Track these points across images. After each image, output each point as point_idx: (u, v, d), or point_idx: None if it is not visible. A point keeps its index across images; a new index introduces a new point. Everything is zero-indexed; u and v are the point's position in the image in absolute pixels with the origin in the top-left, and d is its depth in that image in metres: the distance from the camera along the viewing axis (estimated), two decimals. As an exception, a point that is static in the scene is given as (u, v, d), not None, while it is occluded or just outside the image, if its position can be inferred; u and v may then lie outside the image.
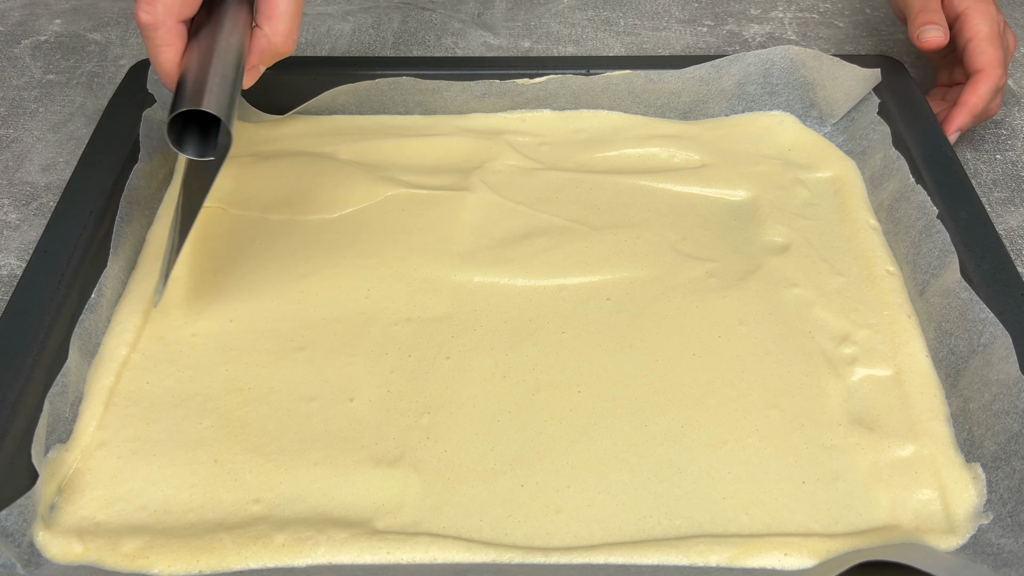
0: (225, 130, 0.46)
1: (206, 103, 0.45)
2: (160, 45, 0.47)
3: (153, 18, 0.46)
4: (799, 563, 0.41)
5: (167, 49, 0.47)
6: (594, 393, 0.48)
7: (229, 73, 0.46)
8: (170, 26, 0.46)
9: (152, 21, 0.46)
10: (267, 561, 0.41)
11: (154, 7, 0.46)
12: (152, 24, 0.46)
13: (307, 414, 0.48)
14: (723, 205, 0.60)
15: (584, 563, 0.41)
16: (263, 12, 0.48)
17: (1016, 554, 0.40)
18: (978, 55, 0.61)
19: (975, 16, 0.62)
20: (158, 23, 0.46)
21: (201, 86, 0.45)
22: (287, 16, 0.48)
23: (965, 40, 0.62)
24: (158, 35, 0.46)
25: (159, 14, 0.46)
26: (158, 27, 0.46)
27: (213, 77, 0.46)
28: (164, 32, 0.46)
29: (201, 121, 0.48)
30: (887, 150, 0.59)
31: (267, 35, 0.48)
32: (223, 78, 0.46)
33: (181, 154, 0.48)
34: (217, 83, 0.46)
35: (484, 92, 0.64)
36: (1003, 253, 0.51)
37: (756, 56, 0.64)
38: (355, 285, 0.54)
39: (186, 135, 0.48)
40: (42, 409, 0.44)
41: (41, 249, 0.52)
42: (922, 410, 0.47)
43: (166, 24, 0.46)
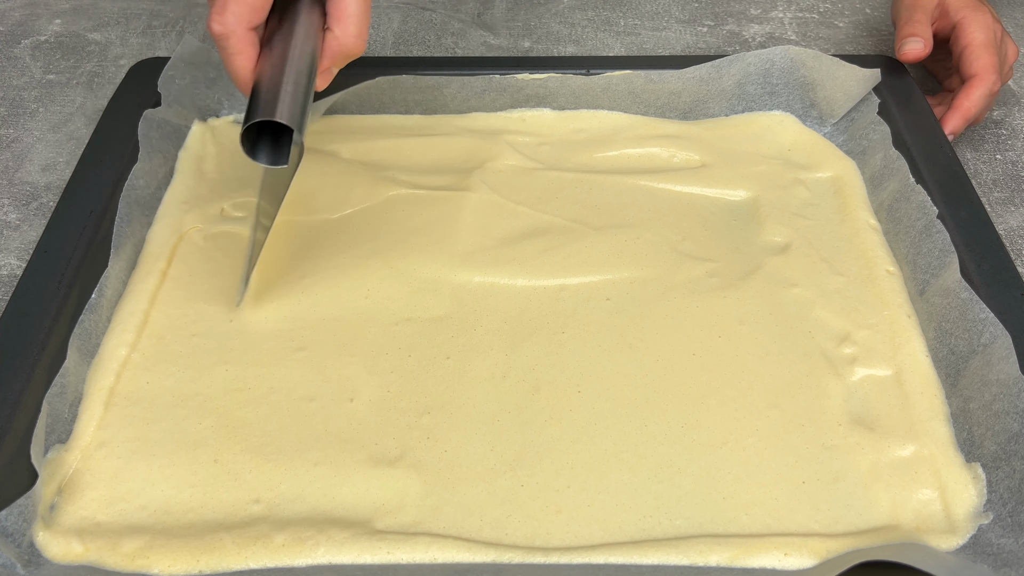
0: (297, 140, 0.46)
1: (279, 113, 0.45)
2: (233, 54, 0.47)
3: (224, 28, 0.46)
4: (799, 563, 0.41)
5: (240, 57, 0.47)
6: (594, 393, 0.48)
7: (302, 81, 0.46)
8: (241, 34, 0.46)
9: (223, 31, 0.46)
10: (267, 561, 0.41)
11: (224, 17, 0.46)
12: (224, 34, 0.46)
13: (307, 414, 0.47)
14: (723, 205, 0.60)
15: (584, 563, 0.41)
16: (333, 15, 0.48)
17: (1016, 554, 0.40)
18: (972, 61, 0.63)
19: (971, 25, 0.63)
20: (229, 32, 0.46)
21: (274, 96, 0.45)
22: (357, 18, 0.48)
23: (961, 47, 0.63)
24: (230, 44, 0.46)
25: (229, 24, 0.46)
26: (229, 36, 0.46)
27: (286, 86, 0.46)
28: (235, 41, 0.46)
29: (273, 129, 0.48)
30: (887, 150, 0.59)
31: (338, 37, 0.48)
32: (296, 86, 0.46)
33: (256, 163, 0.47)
34: (290, 92, 0.46)
35: (484, 88, 0.64)
36: (1003, 253, 0.51)
37: (756, 56, 0.64)
38: (355, 285, 0.54)
39: (260, 143, 0.48)
40: (41, 409, 0.44)
41: (41, 249, 0.52)
42: (922, 410, 0.47)
43: (236, 33, 0.46)
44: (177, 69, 0.63)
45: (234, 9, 0.46)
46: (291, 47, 0.47)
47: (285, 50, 0.47)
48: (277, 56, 0.47)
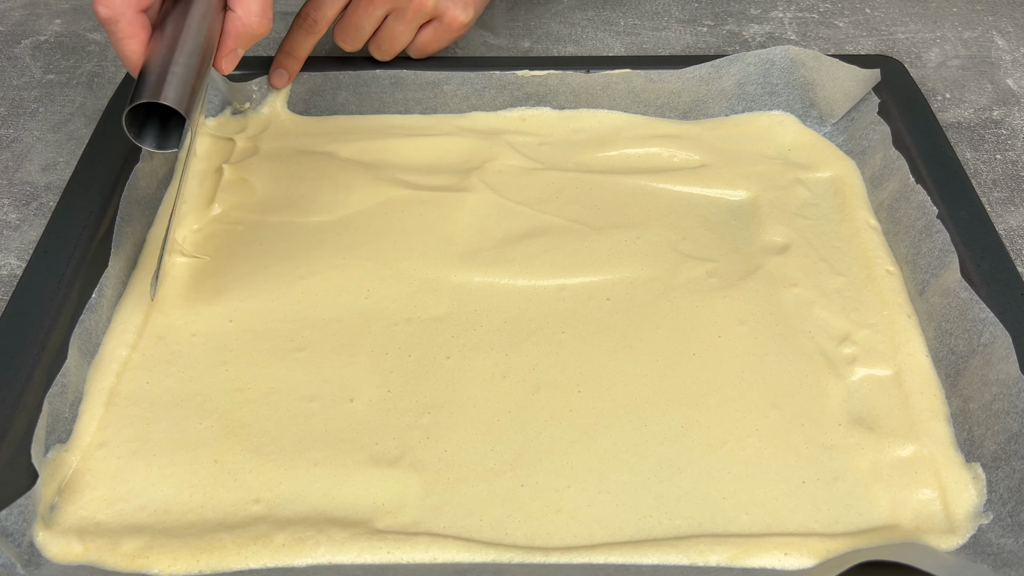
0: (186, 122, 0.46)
1: (164, 96, 0.44)
2: (122, 38, 0.46)
3: (111, 11, 0.45)
4: (799, 563, 0.41)
5: (130, 41, 0.46)
6: (594, 393, 0.48)
7: (192, 62, 0.46)
8: (130, 17, 0.46)
9: (111, 14, 0.45)
10: (267, 561, 0.41)
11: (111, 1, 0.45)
12: (111, 17, 0.45)
13: (307, 414, 0.48)
14: (723, 205, 0.60)
15: (584, 563, 0.41)
16: None
17: (1016, 554, 0.40)
18: None
19: None
20: (117, 16, 0.45)
21: (161, 78, 0.45)
22: None
23: None
24: (119, 28, 0.46)
25: (117, 7, 0.45)
26: (118, 20, 0.45)
27: (174, 68, 0.45)
28: (124, 24, 0.46)
29: (163, 113, 0.47)
30: (887, 150, 0.59)
31: (240, 18, 0.47)
32: (186, 68, 0.45)
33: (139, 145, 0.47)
34: (178, 74, 0.45)
35: (484, 85, 0.64)
36: (1003, 253, 0.51)
37: (756, 56, 0.64)
38: (355, 285, 0.54)
39: (148, 126, 0.47)
40: (41, 409, 0.44)
41: (41, 249, 0.52)
42: (922, 410, 0.47)
43: (126, 16, 0.45)
44: None
45: None
46: (184, 28, 0.46)
47: (177, 32, 0.46)
48: (168, 38, 0.46)
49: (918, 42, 0.77)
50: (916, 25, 0.79)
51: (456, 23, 0.65)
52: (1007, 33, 0.78)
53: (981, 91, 0.72)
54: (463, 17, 0.65)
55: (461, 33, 0.66)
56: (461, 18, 0.64)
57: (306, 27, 0.62)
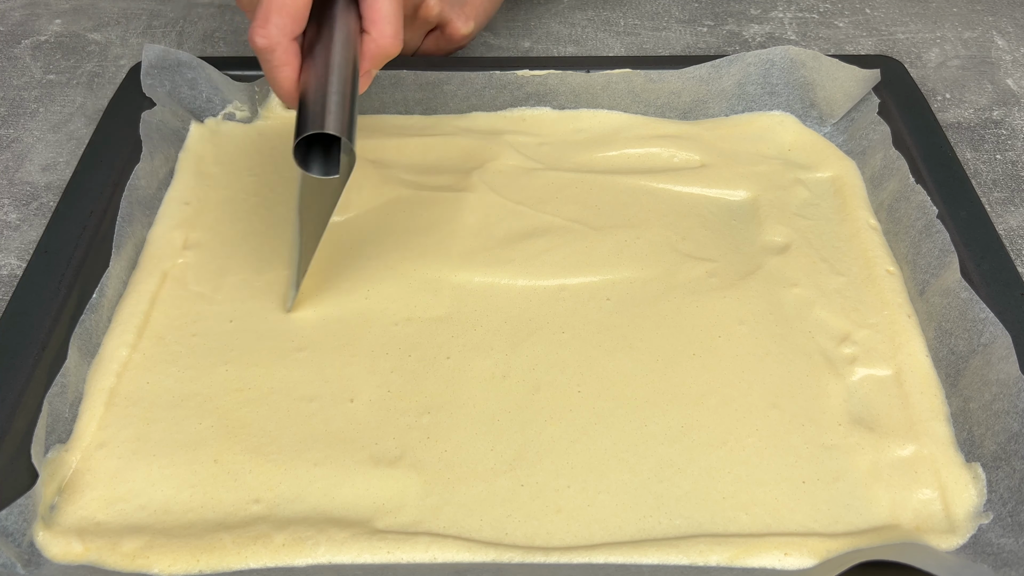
0: (348, 148, 0.46)
1: (328, 125, 0.44)
2: (278, 66, 0.46)
3: (268, 41, 0.45)
4: (799, 563, 0.41)
5: (285, 69, 0.47)
6: (594, 393, 0.48)
7: (347, 89, 0.46)
8: (285, 46, 0.46)
9: (268, 44, 0.45)
10: (267, 561, 0.41)
11: (268, 29, 0.45)
12: (268, 47, 0.46)
13: (307, 414, 0.48)
14: (723, 205, 0.60)
15: (584, 563, 0.41)
16: (369, 18, 0.48)
17: (1016, 554, 0.40)
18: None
19: None
20: (273, 45, 0.46)
21: (322, 107, 0.45)
22: (392, 18, 0.48)
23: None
24: (275, 56, 0.46)
25: (273, 36, 0.45)
26: (274, 49, 0.46)
27: (332, 96, 0.45)
28: (280, 52, 0.46)
29: (323, 139, 0.47)
30: (887, 150, 0.59)
31: (375, 39, 0.48)
32: (341, 95, 0.45)
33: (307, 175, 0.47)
34: (336, 102, 0.45)
35: (484, 85, 0.65)
36: (1003, 253, 0.51)
37: (756, 56, 0.64)
38: (355, 285, 0.54)
39: (311, 154, 0.47)
40: (41, 409, 0.44)
41: (41, 249, 0.52)
42: (922, 410, 0.47)
43: (281, 44, 0.46)
44: (154, 77, 0.62)
45: (277, 21, 0.45)
46: (332, 55, 0.46)
47: (327, 58, 0.46)
48: (320, 65, 0.46)
49: (918, 42, 0.77)
50: (916, 25, 0.79)
51: (457, 34, 0.67)
52: (1007, 33, 0.78)
53: (981, 91, 0.72)
54: (464, 29, 0.66)
55: (462, 44, 0.68)
56: (462, 30, 0.66)
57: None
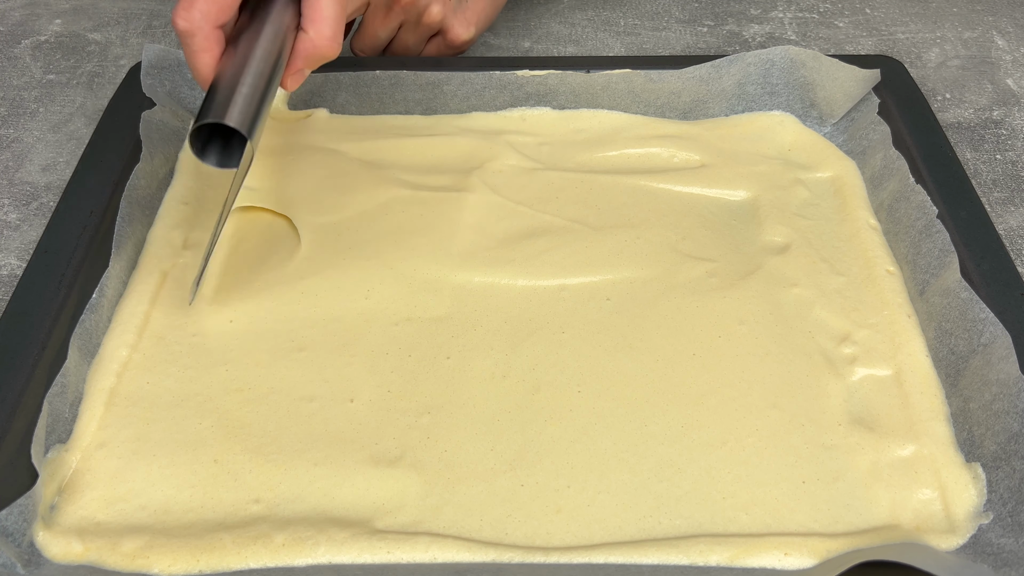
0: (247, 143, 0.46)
1: (229, 117, 0.44)
2: (196, 51, 0.47)
3: (189, 24, 0.46)
4: (799, 563, 0.41)
5: (203, 55, 0.47)
6: (594, 393, 0.48)
7: (260, 83, 0.46)
8: (207, 32, 0.46)
9: (188, 27, 0.46)
10: (267, 561, 0.41)
11: (191, 13, 0.45)
12: (188, 30, 0.46)
13: (307, 414, 0.48)
14: (723, 205, 0.60)
15: (584, 563, 0.41)
16: (308, 16, 0.48)
17: (1016, 554, 0.40)
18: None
19: None
20: (194, 29, 0.46)
21: (228, 98, 0.45)
22: (332, 20, 0.48)
23: None
24: (195, 41, 0.46)
25: (195, 20, 0.46)
26: (195, 33, 0.46)
27: (242, 88, 0.45)
28: (201, 38, 0.46)
29: (226, 130, 0.47)
30: (887, 150, 0.59)
31: (312, 39, 0.48)
32: (253, 88, 0.46)
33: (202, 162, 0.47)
34: (244, 95, 0.45)
35: (484, 85, 0.65)
36: (1003, 253, 0.51)
37: (756, 56, 0.64)
38: (355, 285, 0.54)
39: (211, 143, 0.47)
40: (41, 409, 0.44)
41: (41, 249, 0.52)
42: (922, 410, 0.47)
43: (203, 30, 0.46)
44: (154, 77, 0.62)
45: (201, 6, 0.46)
46: (255, 47, 0.47)
47: (249, 50, 0.46)
48: (240, 56, 0.46)
49: (918, 42, 0.77)
50: (916, 25, 0.79)
51: (458, 40, 0.68)
52: (1007, 33, 0.78)
53: (981, 91, 0.72)
54: (464, 35, 0.68)
55: (463, 49, 0.70)
56: (463, 36, 0.68)
57: None
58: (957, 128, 0.68)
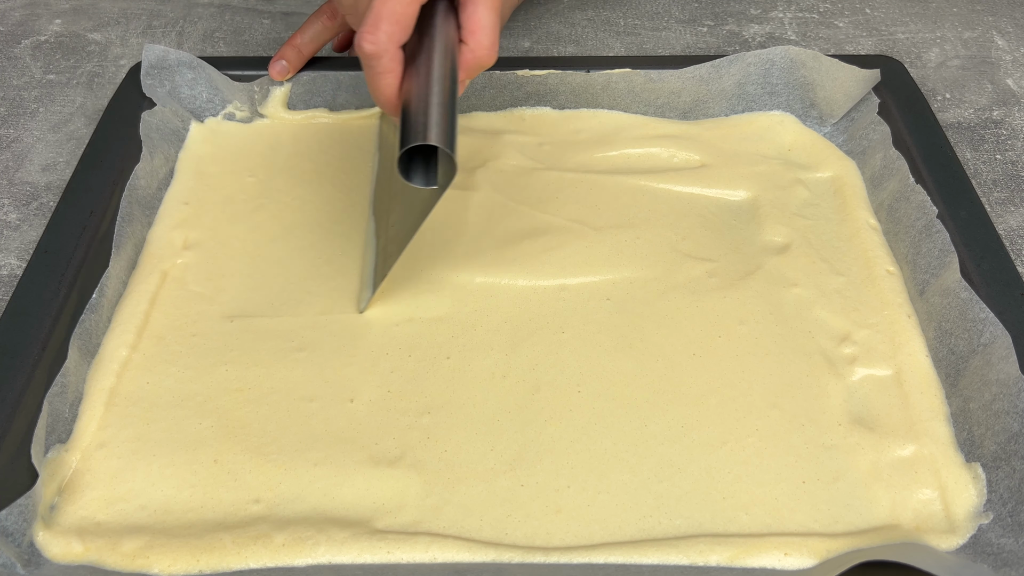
0: (449, 159, 0.46)
1: (431, 136, 0.44)
2: (382, 73, 0.46)
3: (376, 47, 0.45)
4: (799, 563, 0.41)
5: (388, 76, 0.46)
6: (594, 393, 0.48)
7: (448, 100, 0.46)
8: (392, 53, 0.46)
9: (375, 50, 0.45)
10: (267, 561, 0.41)
11: (376, 35, 0.45)
12: (376, 53, 0.45)
13: (307, 414, 0.48)
14: (723, 205, 0.60)
15: (584, 563, 0.41)
16: (467, 28, 0.48)
17: (1016, 554, 0.40)
18: None
19: None
20: (381, 51, 0.45)
21: (425, 118, 0.45)
22: (489, 29, 0.47)
23: None
24: (380, 63, 0.46)
25: (382, 42, 0.45)
26: (381, 55, 0.45)
27: (434, 107, 0.45)
28: (387, 60, 0.46)
29: (423, 150, 0.47)
30: (887, 150, 0.59)
31: (473, 50, 0.48)
32: (443, 107, 0.45)
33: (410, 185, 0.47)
34: (440, 112, 0.45)
35: (484, 85, 0.65)
36: (1003, 253, 0.51)
37: (756, 56, 0.64)
38: (355, 285, 0.54)
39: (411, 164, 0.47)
40: (41, 409, 0.44)
41: (41, 249, 0.52)
42: (922, 410, 0.47)
43: (389, 51, 0.45)
44: (154, 77, 0.62)
45: (386, 28, 0.45)
46: (434, 64, 0.46)
47: (429, 68, 0.46)
48: (422, 75, 0.46)
49: (918, 42, 0.77)
50: (916, 25, 0.79)
51: None
52: (1007, 33, 0.78)
53: (981, 91, 0.72)
54: None
55: None
56: None
57: (323, 21, 0.63)
58: (957, 128, 0.68)
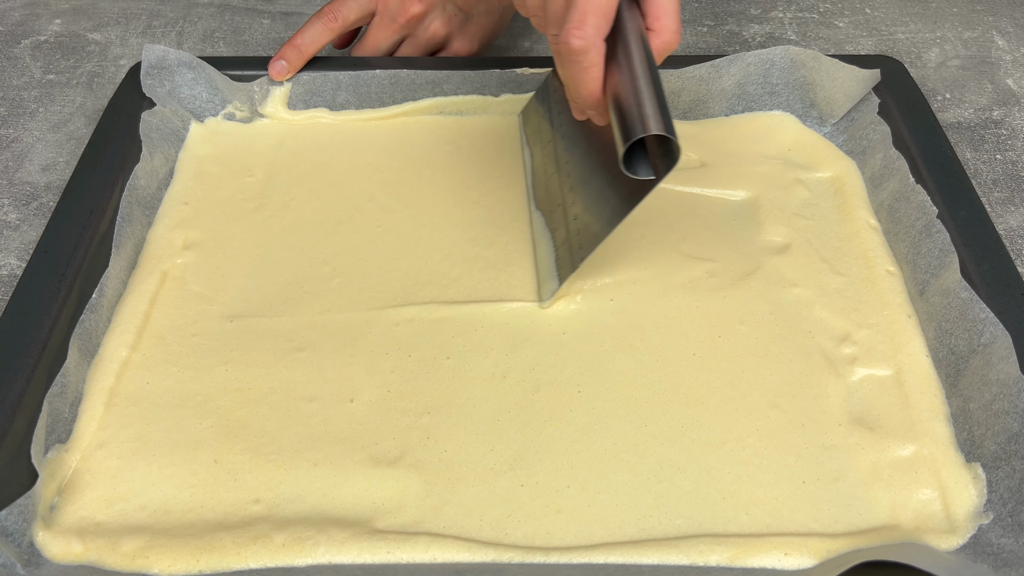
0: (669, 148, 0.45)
1: (655, 126, 0.44)
2: (588, 67, 0.46)
3: (584, 42, 0.45)
4: (799, 563, 0.41)
5: (594, 70, 0.46)
6: (594, 393, 0.48)
7: (658, 89, 0.45)
8: (599, 47, 0.45)
9: (583, 45, 0.45)
10: (267, 561, 0.41)
11: (584, 30, 0.44)
12: (584, 47, 0.45)
13: (307, 414, 0.47)
14: (723, 205, 0.60)
15: (584, 563, 0.41)
16: (652, 14, 0.47)
17: (1016, 554, 0.40)
18: None
19: None
20: (589, 45, 0.45)
21: (642, 109, 0.44)
22: (673, 12, 0.47)
23: None
24: (587, 57, 0.45)
25: (590, 36, 0.45)
26: (589, 49, 0.45)
27: (648, 97, 0.44)
28: (594, 54, 0.45)
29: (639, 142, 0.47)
30: (887, 150, 0.59)
31: (659, 34, 0.47)
32: (656, 96, 0.45)
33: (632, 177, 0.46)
34: (653, 102, 0.44)
35: (484, 84, 0.65)
36: (1003, 253, 0.51)
37: (756, 56, 0.64)
38: (355, 285, 0.54)
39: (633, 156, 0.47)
40: (41, 409, 0.44)
41: (41, 249, 0.52)
42: (922, 410, 0.47)
43: (596, 45, 0.45)
44: (154, 77, 0.62)
45: (593, 21, 0.45)
46: (632, 55, 0.46)
47: (629, 59, 0.46)
48: (624, 66, 0.45)
49: (918, 42, 0.77)
50: (916, 25, 0.79)
51: (462, 55, 0.68)
52: (1007, 33, 0.78)
53: (981, 91, 0.72)
54: (466, 51, 0.68)
55: None
56: (464, 52, 0.68)
57: (325, 22, 0.64)
58: (957, 128, 0.68)
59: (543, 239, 0.54)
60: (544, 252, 0.54)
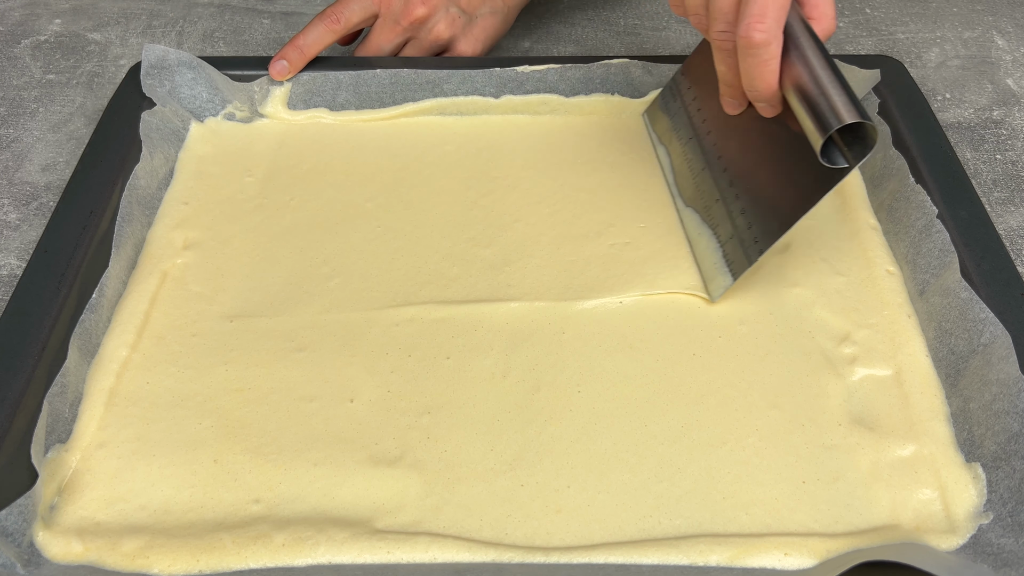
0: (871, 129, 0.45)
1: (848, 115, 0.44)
2: (768, 60, 0.46)
3: (766, 35, 0.45)
4: (799, 563, 0.41)
5: (774, 63, 0.46)
6: (594, 393, 0.48)
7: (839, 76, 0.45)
8: (780, 39, 0.45)
9: (766, 37, 0.45)
10: (267, 561, 0.41)
11: (766, 23, 0.44)
12: (766, 40, 0.45)
13: (307, 414, 0.47)
14: (723, 205, 0.60)
15: (584, 563, 0.41)
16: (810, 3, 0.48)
17: (1016, 554, 0.40)
18: None
19: None
20: (771, 38, 0.45)
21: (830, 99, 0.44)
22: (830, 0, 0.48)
23: None
24: (768, 50, 0.45)
25: (772, 29, 0.45)
26: (771, 42, 0.45)
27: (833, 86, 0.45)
28: (775, 46, 0.45)
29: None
30: (887, 150, 0.59)
31: (818, 21, 0.48)
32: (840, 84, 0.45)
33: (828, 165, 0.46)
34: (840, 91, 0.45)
35: (484, 83, 0.65)
36: (1003, 253, 0.51)
37: (756, 56, 0.63)
38: (356, 285, 0.54)
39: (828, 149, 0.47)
40: (41, 409, 0.44)
41: (41, 249, 0.52)
42: (922, 410, 0.47)
43: (778, 37, 0.45)
44: (154, 77, 0.62)
45: (773, 14, 0.45)
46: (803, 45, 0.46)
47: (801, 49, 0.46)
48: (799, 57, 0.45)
49: (918, 42, 0.77)
50: (916, 25, 0.79)
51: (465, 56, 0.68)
52: (1007, 33, 0.78)
53: (981, 91, 0.72)
54: (470, 53, 0.68)
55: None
56: (469, 54, 0.68)
57: (327, 23, 0.64)
58: (957, 128, 0.68)
59: (702, 236, 0.54)
60: (707, 248, 0.54)
